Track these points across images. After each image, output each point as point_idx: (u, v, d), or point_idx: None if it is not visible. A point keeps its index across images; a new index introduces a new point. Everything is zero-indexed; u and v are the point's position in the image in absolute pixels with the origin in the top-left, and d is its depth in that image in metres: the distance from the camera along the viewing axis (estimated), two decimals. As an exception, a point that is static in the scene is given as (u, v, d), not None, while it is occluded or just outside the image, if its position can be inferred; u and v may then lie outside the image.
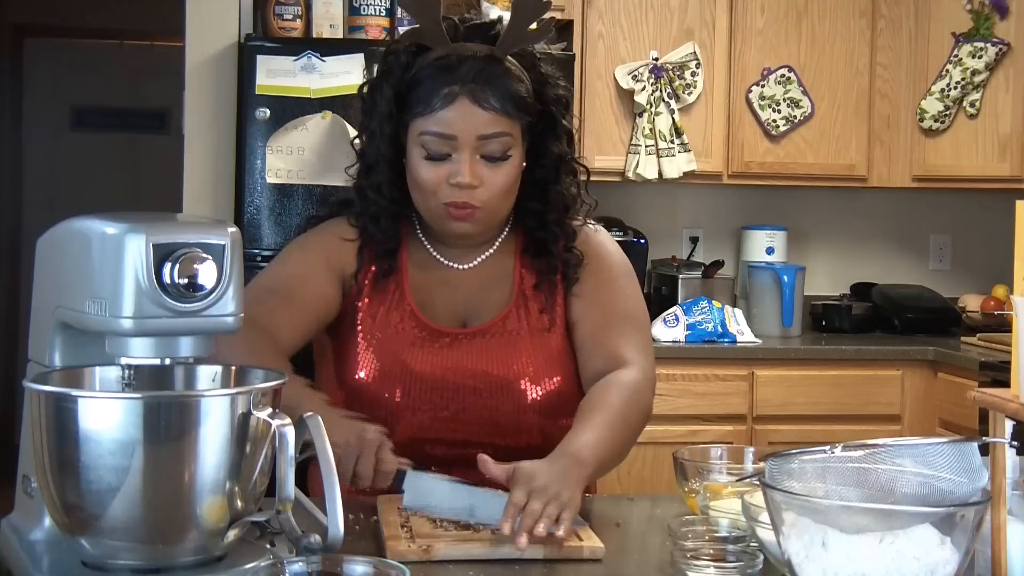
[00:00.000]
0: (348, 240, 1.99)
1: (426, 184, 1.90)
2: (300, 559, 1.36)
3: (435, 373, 1.94)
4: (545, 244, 2.01)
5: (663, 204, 4.62)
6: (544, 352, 1.98)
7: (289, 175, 3.68)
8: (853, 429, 3.81)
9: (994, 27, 4.17)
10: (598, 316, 2.00)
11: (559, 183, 2.00)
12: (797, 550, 1.32)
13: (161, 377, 1.49)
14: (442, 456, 1.94)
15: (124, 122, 7.31)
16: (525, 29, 1.92)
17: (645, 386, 1.94)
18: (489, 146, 1.89)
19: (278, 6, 3.81)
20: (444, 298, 2.00)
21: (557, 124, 1.99)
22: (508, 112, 1.88)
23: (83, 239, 1.44)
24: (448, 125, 1.87)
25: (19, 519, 1.56)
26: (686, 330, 4.02)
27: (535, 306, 2.00)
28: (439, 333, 1.97)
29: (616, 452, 1.86)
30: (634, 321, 2.02)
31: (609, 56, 4.21)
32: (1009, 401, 1.39)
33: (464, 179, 1.87)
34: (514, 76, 1.90)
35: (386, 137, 1.94)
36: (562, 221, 2.02)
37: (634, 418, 1.90)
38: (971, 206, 4.75)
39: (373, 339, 1.96)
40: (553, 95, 1.98)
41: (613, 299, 2.02)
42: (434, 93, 1.87)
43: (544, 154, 1.98)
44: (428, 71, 1.89)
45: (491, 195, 1.91)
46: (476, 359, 1.96)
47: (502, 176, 1.91)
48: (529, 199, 1.99)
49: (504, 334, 1.98)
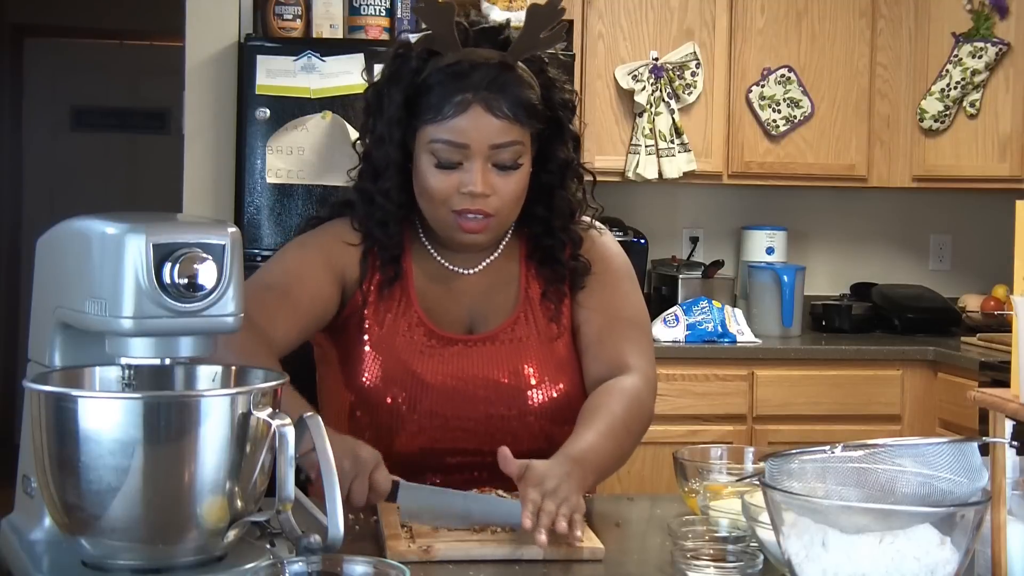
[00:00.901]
0: (351, 244, 1.97)
1: (436, 193, 1.88)
2: (300, 559, 1.36)
3: (444, 381, 1.93)
4: (552, 251, 2.00)
5: (663, 204, 4.62)
6: (552, 359, 1.97)
7: (289, 175, 3.68)
8: (853, 429, 3.81)
9: (994, 27, 4.17)
10: (602, 321, 2.00)
11: (565, 188, 1.99)
12: (797, 550, 1.32)
13: (161, 377, 1.49)
14: (447, 463, 1.94)
15: (124, 122, 7.30)
16: (538, 36, 1.90)
17: (646, 392, 1.95)
18: (501, 155, 1.87)
19: (278, 6, 3.81)
20: (450, 304, 1.99)
21: (564, 129, 1.97)
22: (520, 120, 1.87)
23: (83, 239, 1.44)
24: (460, 133, 1.85)
25: (19, 519, 1.56)
26: (686, 330, 4.02)
27: (543, 314, 1.99)
28: (448, 340, 1.95)
29: (616, 458, 1.87)
30: (637, 326, 2.02)
31: (609, 56, 4.21)
32: (1009, 401, 1.39)
33: (477, 188, 1.86)
34: (525, 83, 1.88)
35: (394, 142, 1.91)
36: (568, 227, 2.00)
37: (635, 425, 1.90)
38: (971, 206, 4.75)
39: (382, 347, 1.94)
40: (560, 99, 1.96)
41: (617, 304, 2.02)
42: (446, 100, 1.85)
43: (550, 159, 1.96)
44: (439, 77, 1.86)
45: (503, 203, 1.89)
46: (485, 367, 1.95)
47: (513, 184, 1.89)
48: (535, 204, 1.97)
49: (513, 341, 1.97)
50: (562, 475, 1.68)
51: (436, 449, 1.92)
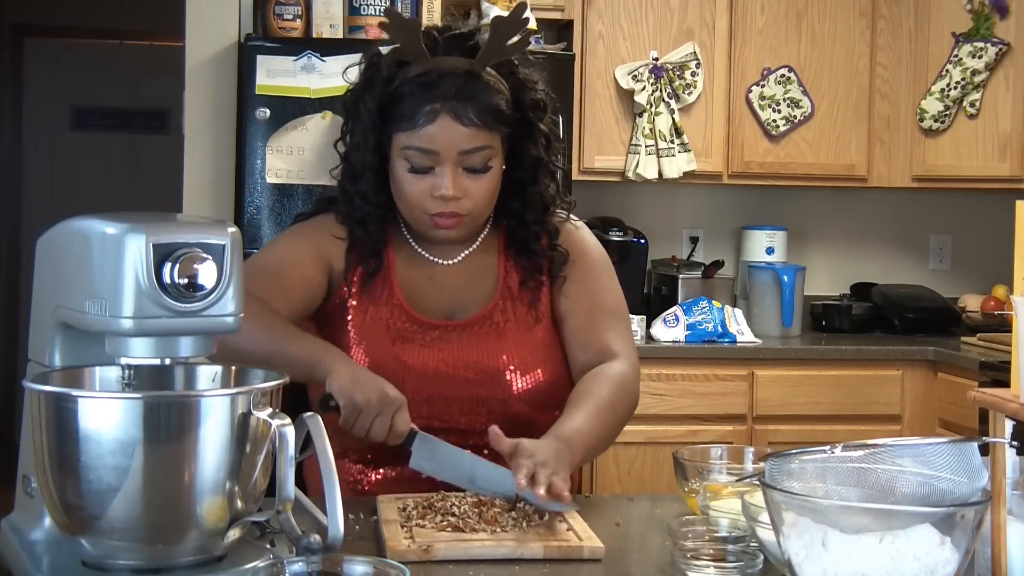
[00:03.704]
0: (337, 238, 2.06)
1: (411, 197, 1.98)
2: (300, 559, 1.36)
3: (427, 364, 2.00)
4: (528, 242, 2.07)
5: (663, 204, 4.62)
6: (529, 345, 2.04)
7: (289, 175, 3.68)
8: (853, 429, 3.81)
9: (994, 27, 4.18)
10: (584, 312, 2.08)
11: (537, 184, 2.07)
12: (797, 550, 1.32)
13: (161, 377, 1.49)
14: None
15: (124, 122, 7.30)
16: (504, 44, 1.97)
17: (632, 377, 2.04)
18: (471, 159, 1.95)
19: (278, 6, 3.81)
20: (431, 293, 2.06)
21: (534, 128, 2.05)
22: (488, 126, 1.95)
23: (83, 239, 1.44)
24: (430, 141, 1.93)
25: (19, 519, 1.56)
26: (686, 330, 4.02)
27: (521, 302, 2.07)
28: (429, 326, 2.03)
29: (603, 439, 1.98)
30: (618, 315, 2.11)
31: (609, 56, 4.21)
32: (1009, 401, 1.39)
33: (448, 192, 1.95)
34: (493, 89, 1.96)
35: (370, 147, 2.00)
36: (542, 220, 2.08)
37: (621, 407, 2.00)
38: (971, 206, 4.75)
39: (365, 333, 2.02)
40: (531, 100, 2.03)
41: (598, 294, 2.10)
42: (416, 110, 1.93)
43: (522, 157, 2.05)
44: (410, 88, 1.95)
45: (475, 204, 1.98)
46: (466, 350, 2.02)
47: (484, 185, 1.98)
48: (509, 198, 2.06)
49: (491, 327, 2.04)
50: (551, 451, 1.79)
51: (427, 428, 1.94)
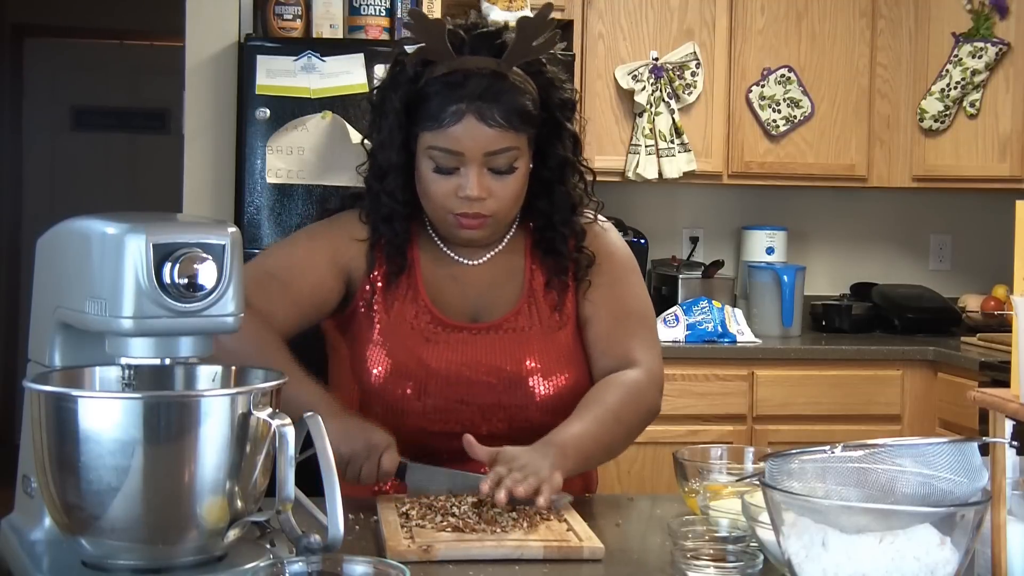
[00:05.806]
0: (358, 240, 2.02)
1: (435, 196, 1.95)
2: (300, 559, 1.36)
3: (449, 368, 1.98)
4: (554, 243, 2.04)
5: (663, 204, 4.62)
6: (554, 350, 2.01)
7: (289, 175, 3.68)
8: (853, 429, 3.81)
9: (994, 27, 4.18)
10: (609, 316, 2.04)
11: (564, 184, 2.04)
12: (797, 550, 1.32)
13: (161, 377, 1.49)
14: (452, 449, 1.94)
15: (124, 122, 7.30)
16: (530, 44, 1.94)
17: (647, 386, 1.99)
18: (496, 160, 1.92)
19: (278, 6, 3.80)
20: (455, 293, 2.03)
21: (562, 128, 2.02)
22: (514, 127, 1.91)
23: (83, 239, 1.44)
24: (455, 142, 1.90)
25: (19, 519, 1.56)
26: (686, 330, 4.02)
27: (547, 304, 2.03)
28: (453, 327, 2.00)
29: (604, 447, 1.93)
30: (643, 320, 2.07)
31: (609, 56, 4.22)
32: (1009, 401, 1.39)
33: (473, 193, 1.92)
34: (519, 89, 1.93)
35: (396, 146, 1.97)
36: (569, 220, 2.05)
37: (628, 415, 1.95)
38: (971, 206, 4.75)
39: (389, 334, 1.99)
40: (559, 100, 2.00)
41: (623, 298, 2.06)
42: (441, 110, 1.90)
43: (549, 157, 2.01)
44: (435, 87, 1.92)
45: (500, 205, 1.95)
46: (488, 354, 1.99)
47: (510, 186, 1.95)
48: (536, 198, 2.03)
49: (515, 331, 2.01)
50: (535, 456, 1.77)
51: (446, 433, 1.95)
